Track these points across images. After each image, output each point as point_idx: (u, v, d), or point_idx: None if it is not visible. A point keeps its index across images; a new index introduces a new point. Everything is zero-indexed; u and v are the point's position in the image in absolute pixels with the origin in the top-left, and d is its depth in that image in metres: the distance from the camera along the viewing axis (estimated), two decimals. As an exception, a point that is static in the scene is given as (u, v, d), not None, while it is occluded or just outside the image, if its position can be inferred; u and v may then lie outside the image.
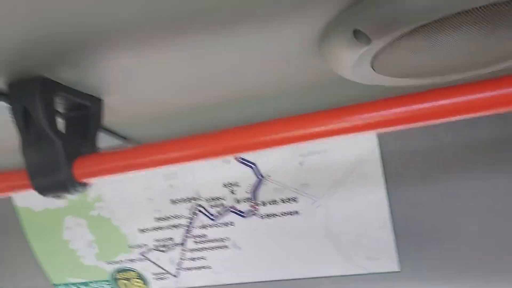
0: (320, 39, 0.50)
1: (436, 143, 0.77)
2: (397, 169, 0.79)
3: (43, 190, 0.54)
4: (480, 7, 0.40)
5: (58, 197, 0.56)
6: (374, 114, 0.50)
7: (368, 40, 0.44)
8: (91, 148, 0.60)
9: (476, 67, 0.53)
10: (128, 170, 0.56)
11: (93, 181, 0.57)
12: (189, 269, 0.97)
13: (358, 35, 0.44)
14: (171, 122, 0.75)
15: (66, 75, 0.55)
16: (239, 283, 0.96)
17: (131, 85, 0.61)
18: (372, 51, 0.47)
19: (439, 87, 0.52)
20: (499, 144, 0.75)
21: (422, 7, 0.40)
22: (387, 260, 0.87)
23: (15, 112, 0.52)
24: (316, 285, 0.92)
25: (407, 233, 0.84)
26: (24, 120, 0.53)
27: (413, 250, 0.84)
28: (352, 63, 0.49)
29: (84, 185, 0.57)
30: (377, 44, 0.45)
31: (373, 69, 0.52)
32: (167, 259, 0.97)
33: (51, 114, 0.53)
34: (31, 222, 1.00)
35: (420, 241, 0.83)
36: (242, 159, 0.85)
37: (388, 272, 0.88)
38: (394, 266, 0.86)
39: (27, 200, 0.98)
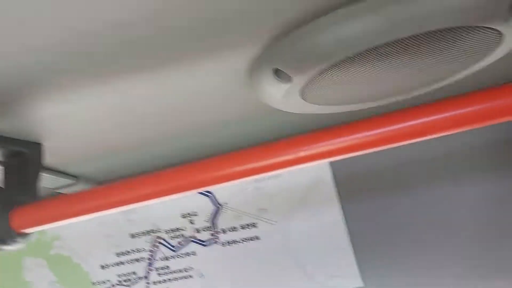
0: (248, 76, 0.50)
1: (386, 159, 0.78)
2: (350, 188, 0.80)
3: None
4: (390, 42, 0.41)
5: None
6: (328, 142, 0.51)
7: (289, 78, 0.45)
8: (31, 196, 0.59)
9: (404, 92, 0.54)
10: (69, 217, 0.55)
11: (33, 230, 0.55)
12: (155, 301, 0.95)
13: (279, 74, 0.45)
14: (120, 158, 0.75)
15: (-1, 125, 0.54)
16: (206, 312, 0.95)
17: (70, 128, 0.60)
18: (297, 86, 0.47)
19: (372, 111, 0.53)
20: (450, 156, 0.77)
21: (334, 46, 0.40)
22: (351, 277, 0.87)
23: None
24: (283, 308, 0.92)
25: (367, 248, 0.84)
26: None
27: (375, 265, 0.85)
28: (280, 97, 0.50)
29: (24, 235, 0.55)
30: (299, 81, 0.45)
31: (304, 99, 0.52)
32: (132, 294, 0.95)
33: (-18, 167, 0.52)
34: (-12, 266, 0.97)
35: (380, 255, 0.84)
36: (199, 188, 0.85)
37: None
38: (358, 282, 0.87)
39: (-16, 244, 0.96)
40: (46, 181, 0.76)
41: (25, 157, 0.60)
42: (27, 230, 0.55)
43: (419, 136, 0.50)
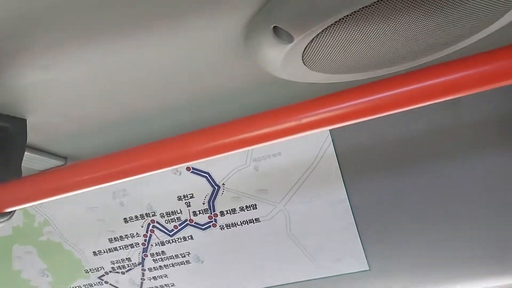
0: (245, 40, 0.46)
1: (391, 133, 0.74)
2: (354, 165, 0.76)
3: None
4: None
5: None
6: (329, 108, 0.47)
7: (290, 38, 0.40)
8: (15, 173, 0.55)
9: (414, 56, 0.50)
10: (55, 194, 0.51)
11: (15, 209, 0.52)
12: (151, 288, 0.92)
13: (279, 33, 0.41)
14: (109, 135, 0.70)
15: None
16: (205, 298, 0.91)
17: (54, 99, 0.56)
18: (299, 47, 0.43)
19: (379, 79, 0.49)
20: (458, 129, 0.73)
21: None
22: (355, 260, 0.84)
23: None
24: (284, 293, 0.88)
25: (372, 230, 0.81)
26: None
27: (381, 247, 0.81)
28: (281, 62, 0.46)
29: (6, 215, 0.52)
30: (301, 41, 0.41)
31: (306, 65, 0.48)
32: (126, 281, 0.91)
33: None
34: (-24, 255, 0.93)
35: (386, 237, 0.80)
36: (194, 169, 0.81)
37: (357, 272, 0.85)
38: (363, 265, 0.83)
39: (-30, 231, 0.92)
40: (35, 162, 0.72)
41: (9, 133, 0.55)
42: (9, 209, 0.51)
43: (420, 101, 0.46)
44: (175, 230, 0.85)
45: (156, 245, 0.87)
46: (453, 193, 0.76)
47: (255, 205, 0.82)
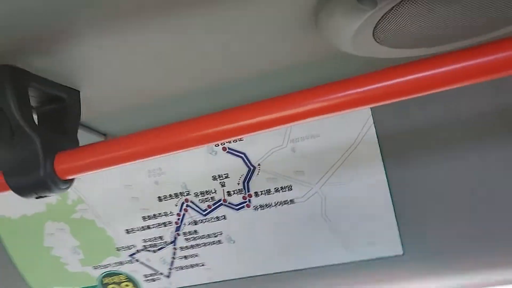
0: (318, 8, 0.46)
1: (435, 118, 0.74)
2: (395, 148, 0.76)
3: (21, 190, 0.49)
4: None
5: (40, 197, 0.51)
6: (369, 87, 0.46)
7: (373, 4, 0.41)
8: (73, 144, 0.55)
9: (480, 32, 0.50)
10: (115, 163, 0.51)
11: (77, 177, 0.52)
12: (181, 268, 0.92)
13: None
14: (154, 114, 0.71)
15: (37, 64, 0.50)
16: (234, 279, 0.92)
17: (110, 73, 0.56)
18: (375, 17, 0.43)
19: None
20: (504, 117, 0.73)
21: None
22: (390, 244, 0.84)
23: None
24: (315, 275, 0.89)
25: (409, 214, 0.81)
26: None
27: (416, 232, 0.82)
28: (353, 32, 0.46)
29: (67, 182, 0.52)
30: (382, 8, 0.41)
31: (375, 39, 0.49)
32: (158, 259, 0.92)
33: (25, 106, 0.48)
34: (8, 231, 0.93)
35: (423, 222, 0.81)
36: (230, 149, 0.81)
37: (391, 256, 0.85)
38: (397, 250, 0.84)
39: (2, 208, 0.91)
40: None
41: (64, 104, 0.56)
42: (70, 176, 0.51)
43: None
44: (209, 209, 0.86)
45: (189, 224, 0.87)
46: (496, 180, 0.76)
47: (291, 186, 0.82)
